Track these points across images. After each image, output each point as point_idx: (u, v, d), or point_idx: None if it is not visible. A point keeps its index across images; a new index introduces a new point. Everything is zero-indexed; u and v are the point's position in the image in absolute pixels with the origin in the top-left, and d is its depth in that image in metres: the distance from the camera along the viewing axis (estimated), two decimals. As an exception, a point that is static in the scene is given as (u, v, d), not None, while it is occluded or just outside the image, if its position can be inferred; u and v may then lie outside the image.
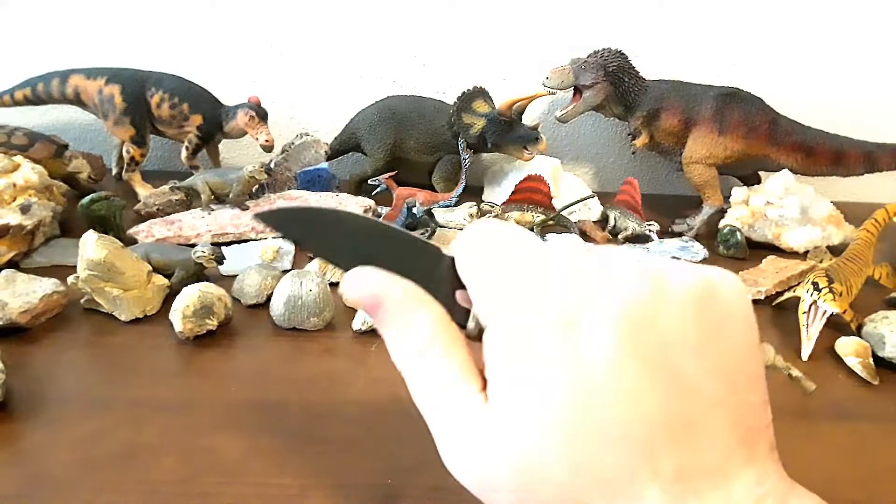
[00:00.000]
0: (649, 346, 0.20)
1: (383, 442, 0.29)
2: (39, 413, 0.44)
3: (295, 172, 0.87)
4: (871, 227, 0.69)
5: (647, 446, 0.20)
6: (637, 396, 0.20)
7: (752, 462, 0.20)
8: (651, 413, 0.20)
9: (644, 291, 0.21)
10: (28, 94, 0.85)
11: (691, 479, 0.20)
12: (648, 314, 0.21)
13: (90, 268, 0.54)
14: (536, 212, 0.78)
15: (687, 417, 0.20)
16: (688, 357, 0.21)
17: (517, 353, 0.22)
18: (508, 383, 0.22)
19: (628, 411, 0.20)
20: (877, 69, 0.97)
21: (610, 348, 0.20)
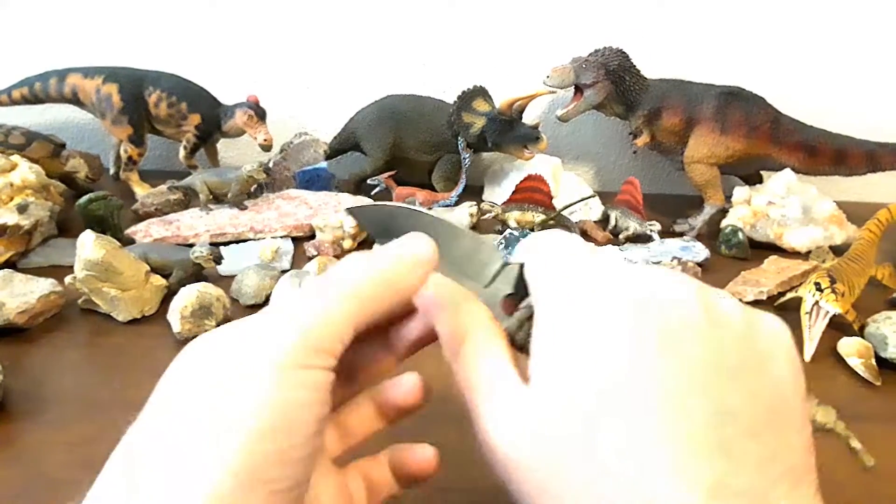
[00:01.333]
0: (694, 360, 0.21)
1: (383, 442, 0.29)
2: (37, 413, 0.44)
3: (294, 172, 0.87)
4: (873, 227, 0.69)
5: (686, 454, 0.19)
6: (679, 404, 0.20)
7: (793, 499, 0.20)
8: (692, 422, 0.20)
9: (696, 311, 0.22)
10: (26, 93, 0.85)
11: (730, 497, 0.19)
12: (698, 331, 0.21)
13: (88, 268, 0.54)
14: (537, 211, 0.77)
15: (723, 436, 0.20)
16: (726, 380, 0.21)
17: (565, 339, 0.22)
18: (554, 363, 0.22)
19: (669, 416, 0.20)
20: (879, 68, 0.97)
21: (657, 355, 0.21)
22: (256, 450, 0.20)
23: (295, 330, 0.22)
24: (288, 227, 0.74)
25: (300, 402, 0.21)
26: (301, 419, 0.21)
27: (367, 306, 0.24)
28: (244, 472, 0.19)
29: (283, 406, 0.21)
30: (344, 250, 0.72)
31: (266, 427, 0.20)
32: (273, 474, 0.20)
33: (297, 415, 0.21)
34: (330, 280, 0.24)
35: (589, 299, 0.23)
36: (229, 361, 0.21)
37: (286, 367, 0.21)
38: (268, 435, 0.20)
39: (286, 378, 0.21)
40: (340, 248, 0.72)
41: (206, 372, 0.21)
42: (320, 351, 0.22)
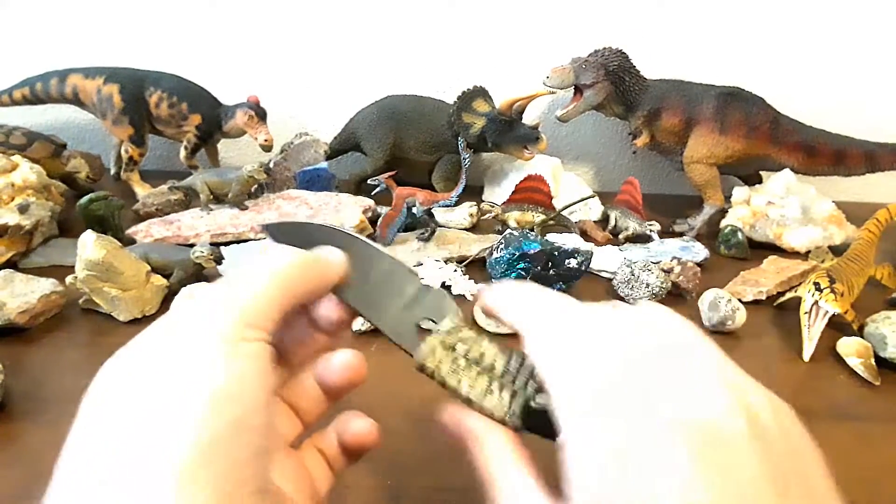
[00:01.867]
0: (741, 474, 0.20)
1: (383, 442, 0.29)
2: (38, 413, 0.44)
3: (294, 172, 0.87)
4: (872, 227, 0.69)
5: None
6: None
7: None
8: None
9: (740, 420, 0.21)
10: (27, 93, 0.85)
11: None
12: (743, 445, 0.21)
13: (89, 268, 0.54)
14: (537, 211, 0.78)
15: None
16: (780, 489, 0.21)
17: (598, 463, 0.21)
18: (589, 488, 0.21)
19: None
20: (878, 69, 0.97)
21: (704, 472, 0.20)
22: (215, 420, 0.20)
23: (232, 306, 0.24)
24: (288, 227, 0.74)
25: (246, 371, 0.22)
26: (251, 387, 0.22)
27: (288, 291, 0.26)
28: (205, 442, 0.20)
29: (232, 375, 0.22)
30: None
31: (220, 396, 0.21)
32: (233, 443, 0.21)
33: (247, 383, 0.22)
34: (259, 267, 0.26)
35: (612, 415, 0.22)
36: (178, 340, 0.23)
37: (229, 340, 0.23)
38: (222, 404, 0.21)
39: (231, 349, 0.22)
40: (341, 248, 0.71)
41: (156, 350, 0.23)
42: (254, 326, 0.24)
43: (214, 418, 0.21)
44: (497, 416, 0.26)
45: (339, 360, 0.29)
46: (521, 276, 0.62)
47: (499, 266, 0.63)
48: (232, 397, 0.21)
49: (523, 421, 0.26)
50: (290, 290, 0.26)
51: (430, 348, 0.28)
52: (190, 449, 0.20)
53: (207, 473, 0.20)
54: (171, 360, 0.22)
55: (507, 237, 0.64)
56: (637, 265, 0.65)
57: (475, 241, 0.73)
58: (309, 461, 0.29)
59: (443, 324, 0.28)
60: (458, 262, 0.69)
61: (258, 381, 0.23)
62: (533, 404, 0.26)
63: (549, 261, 0.62)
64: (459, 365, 0.27)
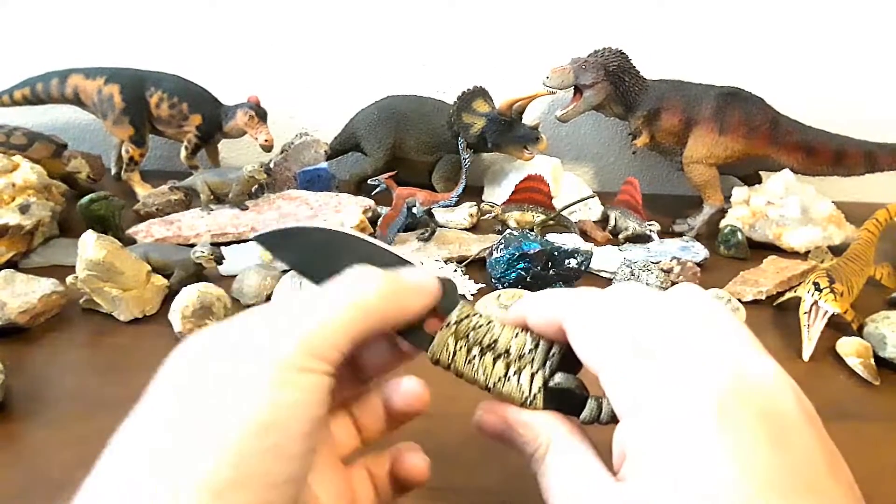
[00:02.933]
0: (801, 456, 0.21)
1: (383, 442, 0.29)
2: (39, 413, 0.44)
3: (294, 172, 0.87)
4: (872, 227, 0.69)
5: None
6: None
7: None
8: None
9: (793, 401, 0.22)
10: (27, 93, 0.85)
11: None
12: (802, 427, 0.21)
13: (89, 268, 0.54)
14: (536, 212, 0.78)
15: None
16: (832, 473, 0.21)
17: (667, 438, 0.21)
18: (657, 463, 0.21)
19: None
20: (877, 69, 0.97)
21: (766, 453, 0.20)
22: (253, 444, 0.20)
23: (295, 334, 0.23)
24: (288, 227, 0.74)
25: (295, 402, 0.22)
26: (295, 417, 0.22)
27: (368, 322, 0.25)
28: (241, 465, 0.20)
29: (278, 404, 0.21)
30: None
31: (262, 422, 0.21)
32: (268, 468, 0.21)
33: (292, 413, 0.22)
34: (337, 289, 0.25)
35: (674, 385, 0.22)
36: (230, 358, 0.22)
37: (283, 368, 0.22)
38: (263, 430, 0.21)
39: (282, 378, 0.22)
40: (341, 248, 0.72)
41: (207, 366, 0.22)
42: (317, 357, 0.23)
43: (254, 442, 0.20)
44: (517, 400, 0.27)
45: (406, 387, 0.28)
46: (521, 276, 0.62)
47: (499, 266, 0.63)
48: (272, 426, 0.21)
49: (544, 402, 0.26)
50: (367, 322, 0.25)
51: (441, 341, 0.28)
52: (224, 468, 0.20)
53: (238, 494, 0.20)
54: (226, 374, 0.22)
55: (507, 237, 0.64)
56: (637, 265, 0.65)
57: (475, 241, 0.73)
58: (357, 481, 0.28)
59: (452, 314, 0.28)
60: (458, 262, 0.69)
61: (304, 413, 0.22)
62: (552, 384, 0.26)
63: (549, 261, 0.62)
64: (474, 354, 0.27)
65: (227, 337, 0.23)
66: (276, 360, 0.22)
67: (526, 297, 0.28)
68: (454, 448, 0.40)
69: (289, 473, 0.21)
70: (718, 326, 0.24)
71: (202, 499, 0.19)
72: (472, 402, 0.28)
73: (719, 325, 0.24)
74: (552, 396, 0.26)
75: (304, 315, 0.23)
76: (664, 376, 0.22)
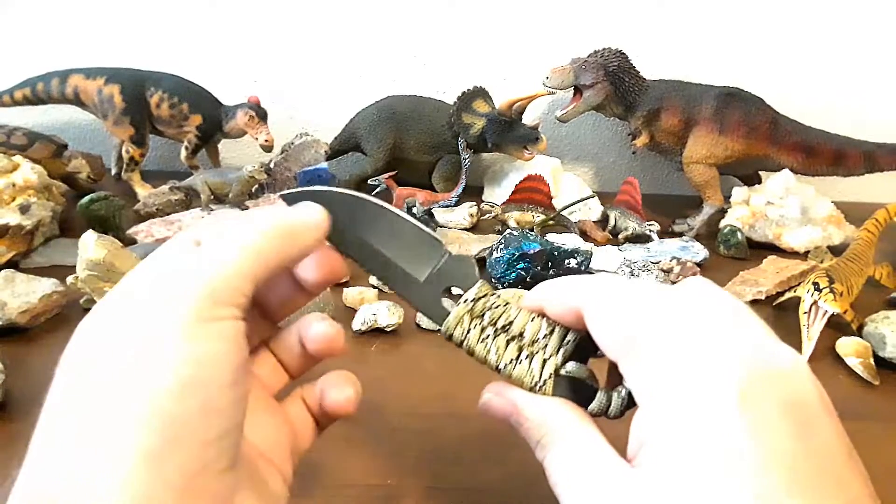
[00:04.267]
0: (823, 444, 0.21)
1: (383, 442, 0.29)
2: (38, 413, 0.44)
3: (295, 172, 0.87)
4: (871, 227, 0.69)
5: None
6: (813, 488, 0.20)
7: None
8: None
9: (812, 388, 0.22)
10: (27, 93, 0.85)
11: None
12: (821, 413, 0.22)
13: (90, 268, 0.54)
14: (536, 212, 0.78)
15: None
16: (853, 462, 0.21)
17: (688, 424, 0.21)
18: (677, 449, 0.21)
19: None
20: (877, 69, 0.97)
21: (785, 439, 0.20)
22: (177, 406, 0.20)
23: (194, 285, 0.22)
24: (288, 227, 0.74)
25: (212, 354, 0.21)
26: (217, 370, 0.21)
27: (263, 262, 0.24)
28: (169, 428, 0.20)
29: (195, 359, 0.21)
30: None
31: (183, 382, 0.20)
32: (199, 426, 0.20)
33: (212, 366, 0.21)
34: (229, 235, 0.24)
35: (696, 371, 0.22)
36: (136, 323, 0.21)
37: (192, 323, 0.21)
38: (186, 389, 0.20)
39: (194, 332, 0.21)
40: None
41: (116, 335, 0.21)
42: (222, 304, 0.22)
43: (179, 403, 0.20)
44: (527, 384, 0.26)
45: (316, 330, 0.28)
46: (521, 276, 0.62)
47: (499, 266, 0.63)
48: (194, 384, 0.21)
49: (554, 389, 0.26)
50: (263, 262, 0.24)
51: (457, 317, 0.27)
52: (154, 435, 0.19)
53: (173, 456, 0.20)
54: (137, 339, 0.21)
55: (507, 237, 0.64)
56: (637, 265, 0.65)
57: (475, 241, 0.73)
58: (293, 412, 0.28)
59: (469, 292, 0.28)
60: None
61: (226, 363, 0.22)
62: (563, 372, 0.26)
63: (548, 261, 0.62)
64: (488, 333, 0.27)
65: (130, 303, 0.22)
66: (183, 314, 0.21)
67: (545, 284, 0.28)
68: (454, 448, 0.40)
69: (222, 427, 0.21)
70: (738, 316, 0.24)
71: (138, 467, 0.19)
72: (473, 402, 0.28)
73: (739, 315, 0.24)
74: (562, 384, 0.26)
75: (204, 263, 0.23)
76: (685, 364, 0.22)
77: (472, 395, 0.28)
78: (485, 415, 0.28)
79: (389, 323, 0.54)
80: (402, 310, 0.55)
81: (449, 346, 0.28)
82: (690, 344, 0.23)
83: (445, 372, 0.49)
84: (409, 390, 0.47)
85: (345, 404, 0.28)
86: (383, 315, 0.54)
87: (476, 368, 0.29)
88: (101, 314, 0.22)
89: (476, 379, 0.29)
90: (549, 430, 0.25)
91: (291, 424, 0.28)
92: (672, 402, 0.22)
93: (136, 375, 0.20)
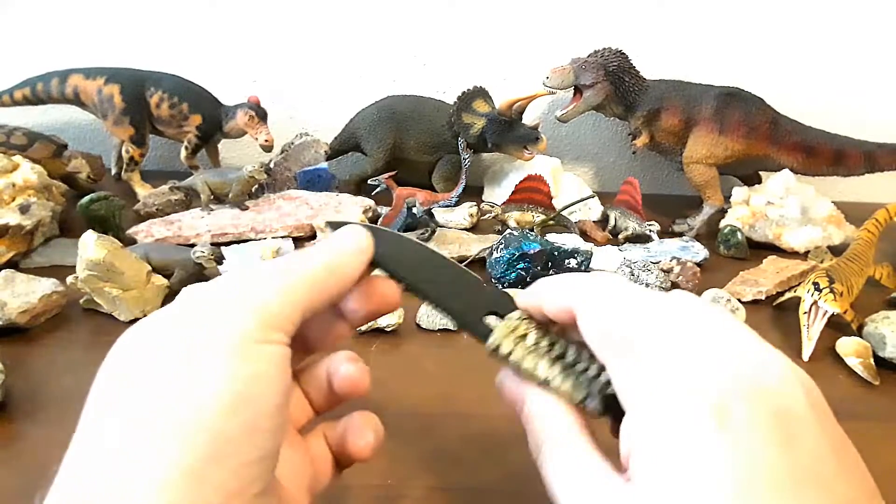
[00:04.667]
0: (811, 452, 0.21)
1: (383, 442, 0.29)
2: (39, 413, 0.44)
3: (295, 172, 0.87)
4: (871, 227, 0.69)
5: None
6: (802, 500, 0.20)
7: None
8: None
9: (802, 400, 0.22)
10: (27, 93, 0.85)
11: None
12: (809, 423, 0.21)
13: (89, 268, 0.54)
14: (536, 212, 0.78)
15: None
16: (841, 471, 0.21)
17: (668, 437, 0.21)
18: (659, 464, 0.21)
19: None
20: (877, 69, 0.97)
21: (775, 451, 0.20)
22: (223, 424, 0.20)
23: (252, 309, 0.23)
24: (289, 227, 0.74)
25: (261, 375, 0.22)
26: (264, 391, 0.22)
27: (313, 293, 0.25)
28: (213, 445, 0.20)
29: (245, 379, 0.21)
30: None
31: (231, 401, 0.20)
32: (242, 447, 0.20)
33: (261, 387, 0.21)
34: (282, 266, 0.25)
35: (679, 383, 0.22)
36: (191, 339, 0.22)
37: (246, 343, 0.22)
38: (233, 409, 0.20)
39: (246, 351, 0.22)
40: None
41: (167, 346, 0.22)
42: (275, 328, 0.23)
43: (228, 420, 0.20)
44: (576, 398, 0.26)
45: (345, 371, 0.28)
46: (521, 276, 0.62)
47: (499, 266, 0.63)
48: (247, 401, 0.21)
49: (603, 406, 0.26)
50: (317, 294, 0.25)
51: (504, 332, 0.28)
52: (198, 449, 0.20)
53: (215, 473, 0.20)
54: (189, 355, 0.21)
55: (507, 237, 0.64)
56: (637, 265, 0.65)
57: (475, 241, 0.73)
58: (315, 449, 0.28)
59: (514, 313, 0.29)
60: (458, 262, 0.69)
61: (274, 385, 0.22)
62: (609, 391, 0.26)
63: (548, 261, 0.62)
64: (532, 350, 0.27)
65: (185, 320, 0.23)
66: (237, 334, 0.22)
67: (542, 282, 0.28)
68: (454, 448, 0.40)
69: (264, 449, 0.21)
70: (726, 326, 0.24)
71: (177, 483, 0.19)
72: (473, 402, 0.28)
73: (727, 324, 0.24)
74: (608, 402, 0.26)
75: (261, 287, 0.24)
76: (665, 374, 0.22)
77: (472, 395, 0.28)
78: (499, 392, 0.28)
79: (389, 323, 0.54)
80: (401, 310, 0.55)
81: (449, 346, 0.29)
82: (676, 353, 0.23)
83: (445, 372, 0.49)
84: (409, 390, 0.47)
85: (364, 450, 0.28)
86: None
87: (476, 369, 0.29)
88: (153, 324, 0.23)
89: (476, 379, 0.29)
90: (541, 439, 0.26)
91: (312, 460, 0.28)
92: (655, 412, 0.22)
93: (185, 388, 0.20)
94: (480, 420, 0.29)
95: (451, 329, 0.54)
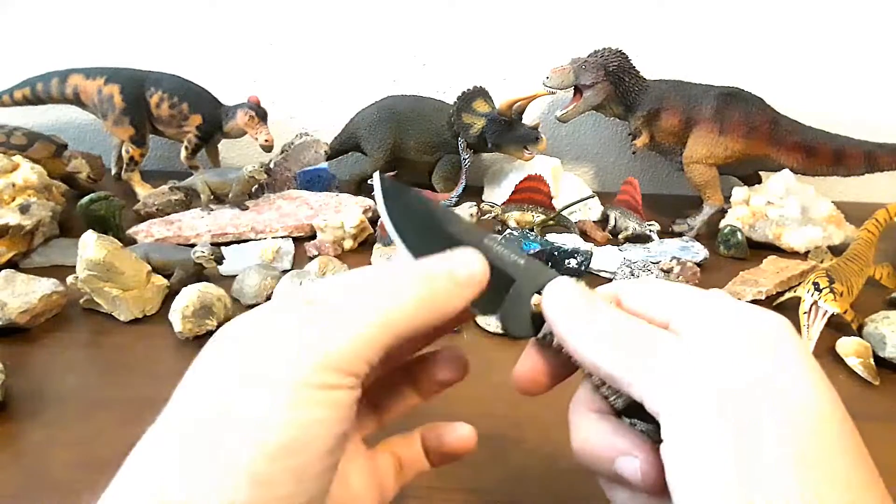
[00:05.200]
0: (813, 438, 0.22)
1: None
2: (39, 413, 0.44)
3: (295, 172, 0.87)
4: (871, 227, 0.69)
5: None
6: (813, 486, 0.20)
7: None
8: None
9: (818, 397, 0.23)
10: (27, 93, 0.85)
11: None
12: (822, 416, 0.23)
13: (89, 268, 0.54)
14: (536, 212, 0.78)
15: None
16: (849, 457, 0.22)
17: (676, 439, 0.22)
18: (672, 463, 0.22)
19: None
20: (877, 69, 0.97)
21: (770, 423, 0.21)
22: (270, 467, 0.19)
23: (319, 349, 0.21)
24: (289, 227, 0.74)
25: (317, 420, 0.21)
26: (317, 437, 0.20)
27: (402, 328, 0.22)
28: (257, 489, 0.19)
29: (297, 424, 0.20)
30: (345, 250, 0.72)
31: (280, 444, 0.20)
32: (288, 490, 0.20)
33: (314, 432, 0.20)
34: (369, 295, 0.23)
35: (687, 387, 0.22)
36: (250, 370, 0.21)
37: (304, 386, 0.20)
38: (282, 453, 0.20)
39: (304, 397, 0.20)
40: (341, 248, 0.72)
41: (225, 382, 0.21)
42: (343, 372, 0.21)
43: (272, 465, 0.19)
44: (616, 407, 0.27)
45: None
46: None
47: (499, 266, 0.63)
48: (295, 447, 0.20)
49: (624, 408, 0.26)
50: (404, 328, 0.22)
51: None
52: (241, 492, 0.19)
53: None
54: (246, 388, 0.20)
55: (507, 237, 0.64)
56: (637, 265, 0.65)
57: (475, 242, 0.73)
58: (381, 462, 0.28)
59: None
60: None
61: (327, 430, 0.21)
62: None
63: (549, 261, 0.62)
64: None
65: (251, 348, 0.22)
66: (296, 379, 0.20)
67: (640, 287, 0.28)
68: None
69: (310, 494, 0.20)
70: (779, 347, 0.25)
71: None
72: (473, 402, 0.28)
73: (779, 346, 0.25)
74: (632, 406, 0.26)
75: (329, 329, 0.22)
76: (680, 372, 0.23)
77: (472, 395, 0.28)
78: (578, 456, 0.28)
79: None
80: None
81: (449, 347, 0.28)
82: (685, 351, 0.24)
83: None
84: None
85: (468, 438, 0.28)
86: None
87: (476, 369, 0.29)
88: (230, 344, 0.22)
89: (476, 379, 0.29)
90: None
91: (379, 475, 0.28)
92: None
93: (234, 429, 0.20)
94: (481, 420, 0.29)
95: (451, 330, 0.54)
